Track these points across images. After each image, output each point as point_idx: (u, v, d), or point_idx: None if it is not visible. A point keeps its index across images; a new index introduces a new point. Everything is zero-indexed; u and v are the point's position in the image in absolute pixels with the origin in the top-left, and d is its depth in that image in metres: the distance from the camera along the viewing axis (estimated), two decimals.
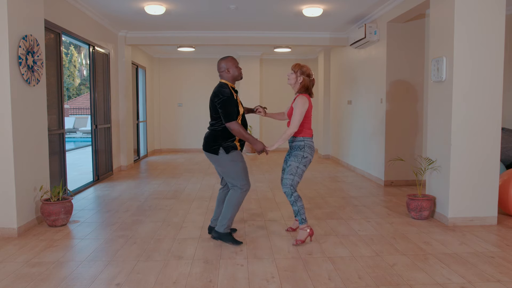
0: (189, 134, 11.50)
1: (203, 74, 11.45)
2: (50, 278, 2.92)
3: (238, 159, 3.58)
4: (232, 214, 3.61)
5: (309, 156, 3.59)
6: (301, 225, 3.62)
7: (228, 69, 3.60)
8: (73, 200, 5.28)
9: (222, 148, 3.53)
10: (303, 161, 3.57)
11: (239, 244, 3.61)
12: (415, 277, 2.93)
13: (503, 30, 4.12)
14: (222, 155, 3.54)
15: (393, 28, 6.16)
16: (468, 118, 4.16)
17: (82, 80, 27.68)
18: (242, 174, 3.58)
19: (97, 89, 6.75)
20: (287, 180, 3.57)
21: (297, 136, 3.61)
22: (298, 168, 3.56)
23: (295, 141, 3.63)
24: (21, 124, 4.00)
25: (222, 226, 3.62)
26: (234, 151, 3.57)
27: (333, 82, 9.43)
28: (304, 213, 3.61)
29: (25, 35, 4.00)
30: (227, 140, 3.55)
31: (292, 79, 3.66)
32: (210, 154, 3.60)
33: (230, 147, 3.54)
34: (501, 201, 4.46)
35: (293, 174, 3.56)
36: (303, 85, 3.64)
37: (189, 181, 6.79)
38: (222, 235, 3.63)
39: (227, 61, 3.62)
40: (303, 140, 3.60)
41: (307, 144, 3.60)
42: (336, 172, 7.75)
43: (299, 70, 3.64)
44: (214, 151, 3.55)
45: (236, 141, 3.59)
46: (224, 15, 6.68)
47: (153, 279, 2.91)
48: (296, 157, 3.58)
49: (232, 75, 3.63)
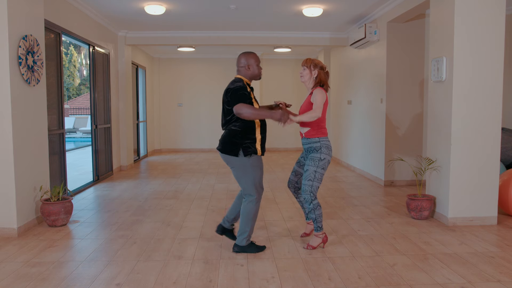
0: (189, 134, 11.50)
1: (203, 74, 11.45)
2: (50, 278, 2.92)
3: (257, 164, 3.32)
4: (251, 227, 3.40)
5: (326, 157, 3.40)
6: (316, 232, 3.49)
7: (248, 66, 3.38)
8: (73, 200, 5.28)
9: (242, 151, 3.25)
10: (321, 164, 3.38)
11: (264, 248, 3.47)
12: (415, 277, 2.93)
13: (503, 30, 4.12)
14: (241, 158, 3.27)
15: (393, 28, 6.16)
16: (468, 118, 4.16)
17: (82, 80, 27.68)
18: (258, 181, 3.35)
19: (97, 89, 6.75)
20: (306, 187, 3.38)
21: (312, 137, 3.42)
22: (316, 173, 3.37)
23: (310, 142, 3.44)
24: (21, 124, 4.00)
25: (243, 240, 3.40)
26: (255, 155, 3.31)
27: (333, 82, 9.42)
28: (321, 222, 3.45)
29: (25, 35, 4.00)
30: (247, 141, 3.27)
31: (306, 75, 3.48)
32: (228, 156, 3.31)
33: (250, 150, 3.27)
34: (501, 201, 4.46)
35: (311, 179, 3.37)
36: (319, 80, 3.46)
37: (189, 181, 6.79)
38: (245, 248, 3.42)
39: (249, 58, 3.39)
40: (318, 141, 3.41)
41: (324, 145, 3.41)
42: (336, 172, 7.75)
43: (312, 64, 3.45)
44: (232, 152, 3.27)
45: (258, 144, 3.32)
46: (224, 15, 6.68)
47: (153, 279, 2.91)
48: (312, 160, 3.39)
49: (252, 73, 3.40)
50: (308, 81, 3.50)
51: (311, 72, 3.46)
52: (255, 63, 3.39)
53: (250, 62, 3.38)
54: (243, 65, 3.39)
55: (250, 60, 3.38)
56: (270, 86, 11.58)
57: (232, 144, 3.28)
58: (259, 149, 3.33)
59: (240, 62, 3.40)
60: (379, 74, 6.50)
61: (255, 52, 10.60)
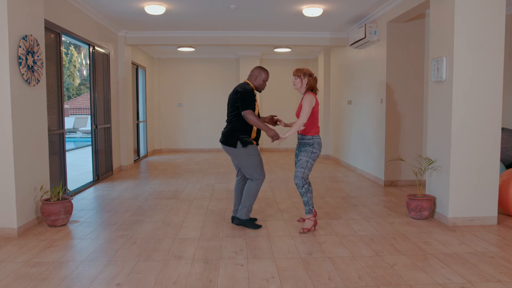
0: (189, 134, 11.50)
1: (203, 74, 11.45)
2: (50, 278, 2.92)
3: (254, 153, 3.97)
4: (251, 203, 4.04)
5: (317, 152, 3.93)
6: (308, 215, 3.96)
7: (257, 77, 4.06)
8: (73, 200, 5.29)
9: (240, 142, 3.91)
10: (312, 156, 3.91)
11: (259, 228, 4.07)
12: (415, 277, 2.93)
13: (503, 30, 4.12)
14: (239, 148, 3.92)
15: (393, 28, 6.16)
16: (468, 118, 4.16)
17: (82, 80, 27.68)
18: (258, 166, 3.99)
19: (97, 89, 6.75)
20: (298, 173, 3.89)
21: (306, 134, 3.94)
22: (308, 162, 3.89)
23: (304, 138, 3.95)
24: (21, 124, 4.00)
25: (243, 213, 4.05)
26: (250, 145, 3.96)
27: (333, 82, 9.43)
28: (312, 204, 3.95)
29: (25, 35, 4.00)
30: (244, 135, 3.93)
31: (297, 83, 3.96)
32: (228, 147, 3.96)
33: (246, 142, 3.92)
34: (501, 201, 4.46)
35: (303, 167, 3.89)
36: (309, 86, 3.97)
37: (189, 181, 6.79)
38: (244, 222, 4.07)
39: (261, 72, 4.06)
40: (312, 138, 3.93)
41: (316, 142, 3.93)
42: (336, 172, 7.75)
43: (302, 73, 3.94)
44: (232, 144, 3.93)
45: (252, 138, 3.99)
46: (224, 15, 6.68)
47: (153, 279, 2.91)
48: (306, 152, 3.91)
49: (258, 84, 4.08)
50: (300, 88, 3.99)
51: (302, 81, 3.95)
52: (261, 79, 4.07)
53: (261, 76, 4.07)
54: (255, 76, 4.07)
55: (261, 74, 4.07)
56: (270, 86, 11.53)
57: (231, 138, 3.94)
58: (253, 141, 4.02)
59: (254, 72, 4.09)
60: (379, 74, 6.50)
61: (255, 52, 10.69)
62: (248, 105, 3.83)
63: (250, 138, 3.97)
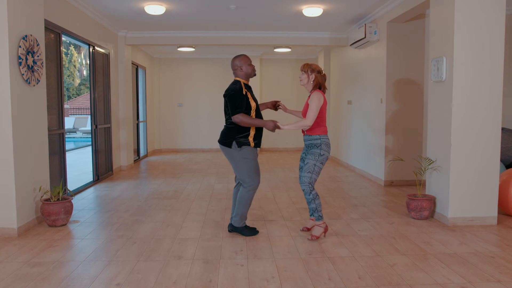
0: (189, 134, 11.50)
1: (203, 74, 11.45)
2: (50, 278, 2.92)
3: (249, 157, 3.72)
4: (244, 211, 3.83)
5: (326, 153, 3.69)
6: (318, 222, 3.75)
7: (241, 67, 3.78)
8: (73, 200, 5.28)
9: (235, 142, 3.69)
10: (320, 159, 3.67)
11: (257, 233, 3.90)
12: (415, 277, 2.93)
13: (503, 30, 4.11)
14: (234, 149, 3.70)
15: (393, 28, 6.16)
16: (468, 118, 4.16)
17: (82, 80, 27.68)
18: (252, 172, 3.73)
19: (97, 89, 6.75)
20: (305, 178, 3.67)
21: (313, 134, 3.71)
22: (315, 166, 3.66)
23: (311, 139, 3.72)
24: (21, 124, 4.00)
25: (237, 221, 3.87)
26: (247, 147, 3.70)
27: (333, 82, 9.43)
28: (321, 211, 3.75)
29: (25, 35, 4.00)
30: (241, 135, 3.69)
31: (304, 79, 3.76)
32: (224, 147, 3.77)
33: (242, 142, 3.68)
34: (501, 201, 4.46)
35: (310, 172, 3.66)
36: (316, 83, 3.75)
37: (189, 181, 6.79)
38: (238, 229, 3.89)
39: (240, 59, 3.79)
40: (319, 138, 3.69)
41: (323, 142, 3.69)
42: (336, 172, 7.75)
43: (309, 69, 3.73)
44: (227, 144, 3.72)
45: (251, 137, 3.71)
46: (224, 15, 6.68)
47: (153, 279, 2.91)
48: (313, 155, 3.67)
49: (245, 73, 3.79)
50: (306, 85, 3.78)
51: (309, 77, 3.75)
52: (245, 63, 3.78)
53: (242, 63, 3.78)
54: (237, 67, 3.80)
55: (241, 61, 3.79)
56: (270, 86, 11.58)
57: (228, 137, 3.73)
58: (251, 141, 3.72)
59: (234, 65, 3.81)
60: (379, 74, 6.50)
61: (255, 52, 10.68)
62: (236, 109, 3.59)
63: (250, 137, 3.71)
